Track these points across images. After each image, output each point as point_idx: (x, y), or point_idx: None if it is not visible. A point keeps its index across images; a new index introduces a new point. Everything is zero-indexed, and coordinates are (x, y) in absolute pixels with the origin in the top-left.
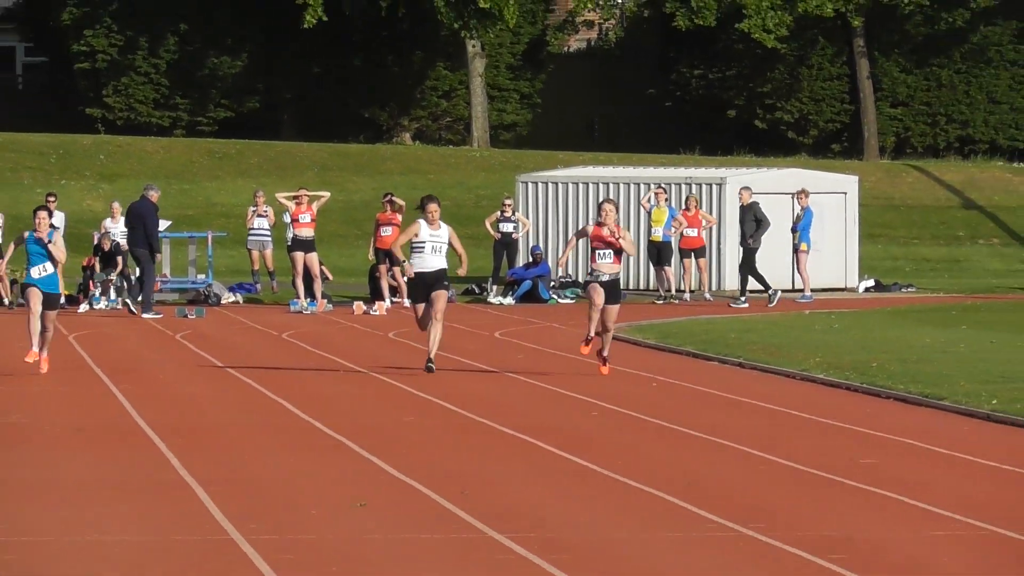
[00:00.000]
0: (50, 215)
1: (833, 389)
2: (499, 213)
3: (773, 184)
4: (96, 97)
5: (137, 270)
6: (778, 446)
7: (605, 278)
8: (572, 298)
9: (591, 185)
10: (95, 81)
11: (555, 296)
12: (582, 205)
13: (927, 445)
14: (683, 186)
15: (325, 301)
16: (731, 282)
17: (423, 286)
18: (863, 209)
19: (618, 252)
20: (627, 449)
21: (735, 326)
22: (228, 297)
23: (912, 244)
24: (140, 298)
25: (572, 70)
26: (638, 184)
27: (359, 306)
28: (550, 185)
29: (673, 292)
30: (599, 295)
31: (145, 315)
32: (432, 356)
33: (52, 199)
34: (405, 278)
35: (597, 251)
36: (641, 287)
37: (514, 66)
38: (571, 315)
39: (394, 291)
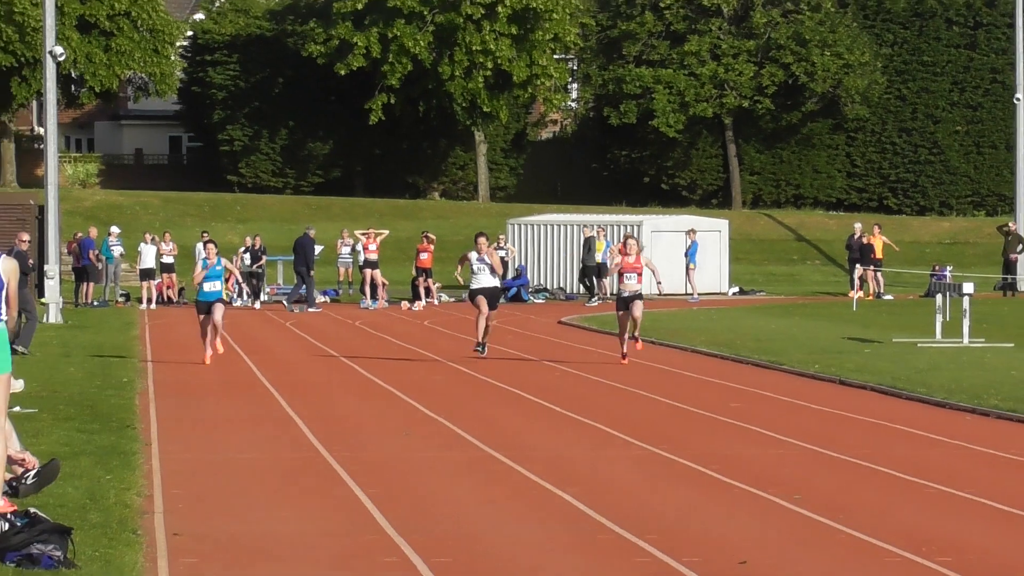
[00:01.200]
0: (215, 246)
1: (711, 358)
2: (496, 243)
3: (673, 225)
4: (234, 169)
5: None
6: (677, 394)
7: (626, 294)
8: (543, 300)
9: (556, 226)
10: (233, 159)
11: (532, 297)
12: (552, 239)
13: (774, 395)
14: (615, 227)
15: (384, 301)
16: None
17: (482, 296)
18: (731, 241)
19: (640, 274)
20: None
21: (646, 316)
22: (320, 299)
23: (764, 264)
24: (296, 299)
25: (543, 151)
26: (585, 224)
27: (404, 304)
28: (530, 226)
29: (607, 295)
30: (623, 312)
31: (310, 309)
32: (483, 340)
33: (205, 235)
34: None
35: (625, 274)
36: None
37: (506, 148)
38: (542, 310)
39: (427, 293)
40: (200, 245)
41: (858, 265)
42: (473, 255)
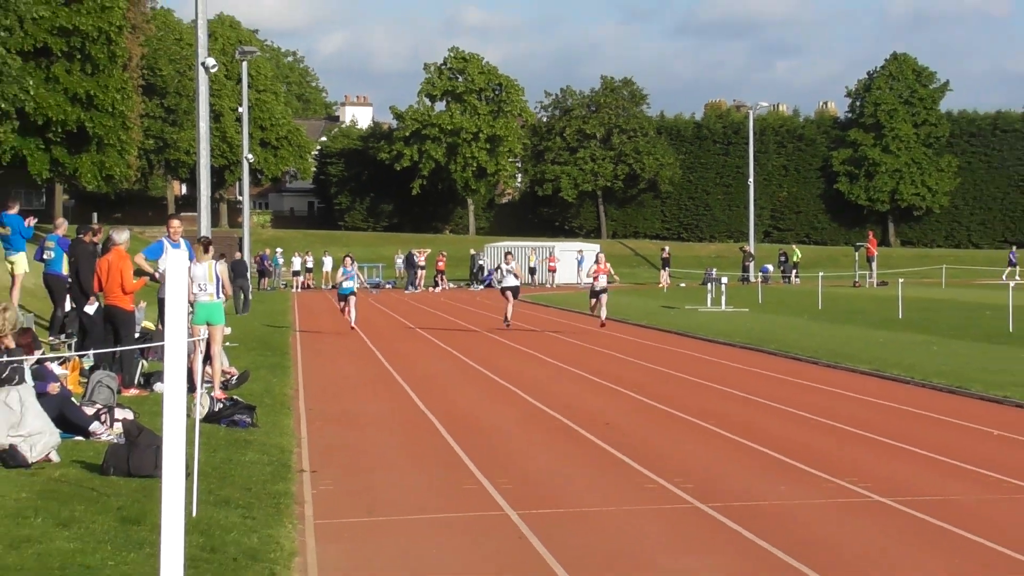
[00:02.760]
0: (351, 259)
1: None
2: (479, 253)
3: (571, 248)
4: (341, 218)
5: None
6: (582, 363)
7: (597, 288)
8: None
9: (516, 249)
10: (341, 214)
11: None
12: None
13: (621, 335)
14: (541, 249)
15: (421, 287)
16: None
17: (509, 291)
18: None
19: (607, 275)
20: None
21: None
22: (386, 286)
23: (617, 268)
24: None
25: (505, 209)
26: (528, 247)
27: (431, 289)
28: (495, 248)
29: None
30: (598, 295)
31: (408, 290)
32: (509, 318)
33: (347, 257)
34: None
35: (598, 275)
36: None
37: (484, 207)
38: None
39: (439, 283)
40: (326, 258)
41: (666, 268)
42: (504, 266)
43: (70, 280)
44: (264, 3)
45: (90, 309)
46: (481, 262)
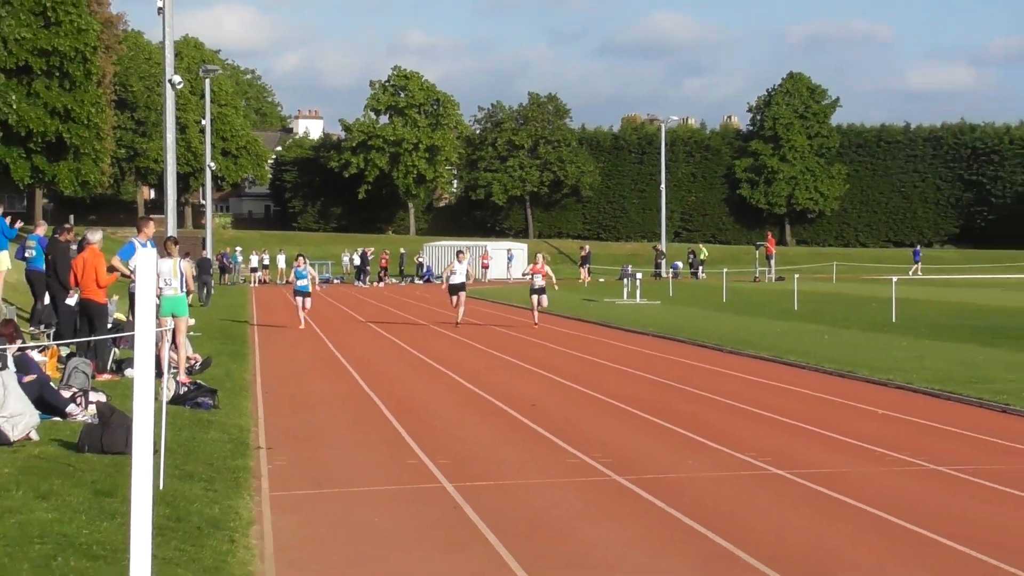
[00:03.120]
0: (304, 258)
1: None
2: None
3: (502, 247)
4: (296, 220)
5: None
6: (517, 352)
7: (536, 287)
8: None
9: (447, 247)
10: (295, 216)
11: (435, 281)
12: (445, 253)
13: (548, 326)
14: (476, 248)
15: (368, 283)
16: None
17: (454, 290)
18: (528, 254)
19: (543, 275)
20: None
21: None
22: (335, 281)
23: (549, 264)
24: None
25: (442, 212)
26: (463, 246)
27: (376, 284)
28: (436, 247)
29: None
30: (535, 294)
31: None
32: (459, 320)
33: (300, 256)
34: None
35: (535, 275)
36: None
37: (424, 210)
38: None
39: (382, 278)
40: (280, 256)
41: (585, 265)
42: (456, 264)
43: (48, 275)
44: (225, 26)
45: (70, 301)
46: (421, 259)
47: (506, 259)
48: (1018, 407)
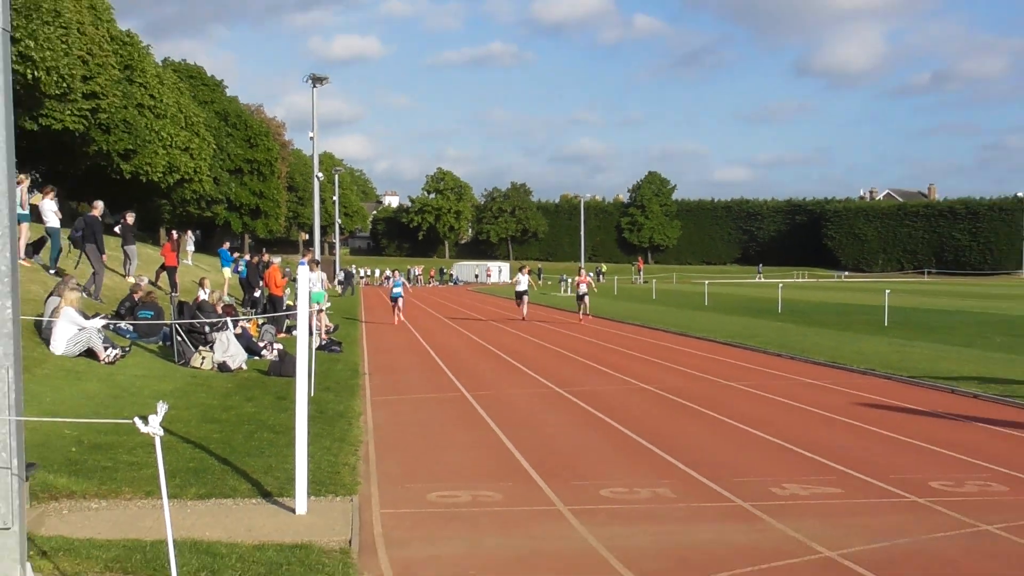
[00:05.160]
0: (399, 274)
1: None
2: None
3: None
4: (383, 251)
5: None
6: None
7: (581, 292)
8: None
9: (470, 266)
10: (383, 249)
11: (460, 284)
12: (466, 270)
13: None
14: (483, 266)
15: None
16: None
17: (519, 296)
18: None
19: (587, 284)
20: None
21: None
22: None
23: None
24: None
25: (463, 246)
26: (473, 265)
27: (430, 284)
28: (460, 265)
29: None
30: (580, 299)
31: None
32: (526, 316)
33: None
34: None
35: (580, 284)
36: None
37: (453, 245)
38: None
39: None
40: (376, 271)
41: (541, 276)
42: (520, 276)
43: (250, 281)
44: (347, 145)
45: (256, 293)
46: (452, 272)
47: (497, 271)
48: (774, 350)
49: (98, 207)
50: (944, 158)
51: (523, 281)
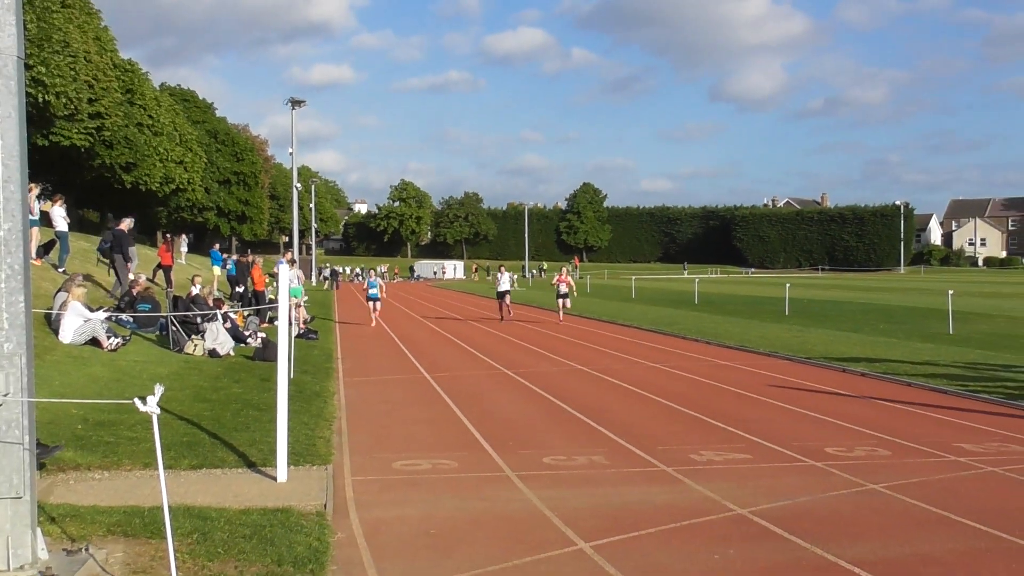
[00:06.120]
0: (374, 273)
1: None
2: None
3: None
4: (353, 252)
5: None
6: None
7: (562, 292)
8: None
9: (429, 264)
10: (353, 250)
11: (421, 280)
12: (427, 268)
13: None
14: (439, 264)
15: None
16: None
17: (501, 295)
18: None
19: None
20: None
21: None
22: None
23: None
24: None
25: (424, 247)
26: (434, 263)
27: (392, 281)
28: (420, 264)
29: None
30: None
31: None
32: (511, 316)
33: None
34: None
35: (560, 283)
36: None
37: (415, 247)
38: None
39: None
40: (347, 268)
41: (490, 272)
42: (499, 275)
43: (237, 278)
44: (323, 159)
45: (241, 289)
46: (414, 268)
47: (452, 269)
48: (692, 336)
49: (126, 223)
50: (835, 171)
51: (505, 280)
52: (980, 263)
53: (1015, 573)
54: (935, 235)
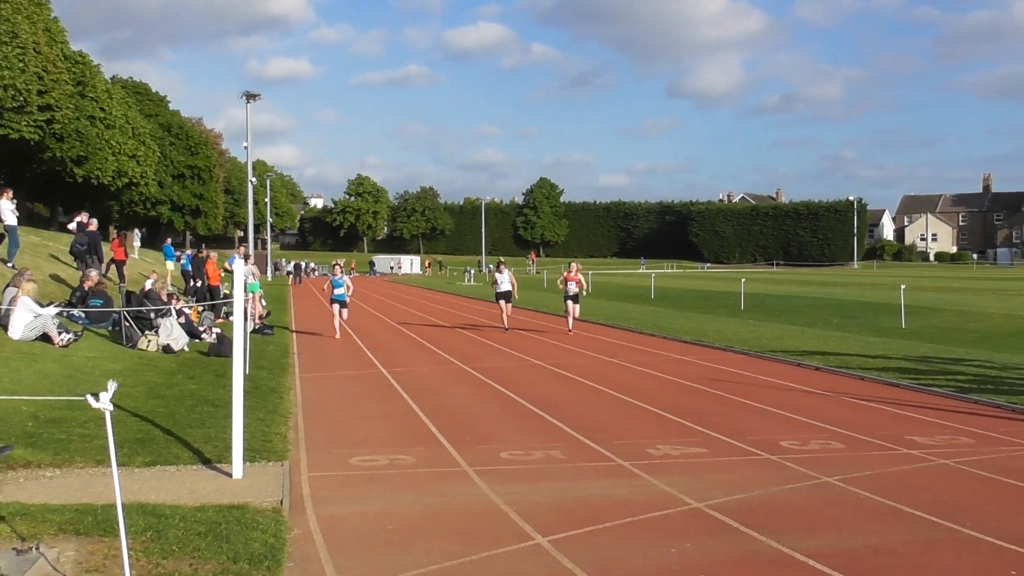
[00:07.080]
0: (340, 270)
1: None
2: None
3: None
4: (310, 247)
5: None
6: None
7: (571, 293)
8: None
9: (386, 259)
10: (309, 245)
11: (377, 275)
12: (383, 263)
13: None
14: (396, 258)
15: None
16: None
17: (499, 297)
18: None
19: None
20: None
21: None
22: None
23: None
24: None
25: (381, 242)
26: (389, 258)
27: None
28: (378, 259)
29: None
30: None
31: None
32: (507, 326)
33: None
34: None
35: (569, 282)
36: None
37: (372, 241)
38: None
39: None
40: (303, 262)
41: (443, 267)
42: (498, 274)
43: (192, 273)
44: (280, 154)
45: (197, 283)
46: (372, 262)
47: (408, 264)
48: (648, 330)
49: (94, 223)
50: (790, 167)
51: (505, 280)
52: (931, 258)
53: (965, 563)
54: (888, 230)
